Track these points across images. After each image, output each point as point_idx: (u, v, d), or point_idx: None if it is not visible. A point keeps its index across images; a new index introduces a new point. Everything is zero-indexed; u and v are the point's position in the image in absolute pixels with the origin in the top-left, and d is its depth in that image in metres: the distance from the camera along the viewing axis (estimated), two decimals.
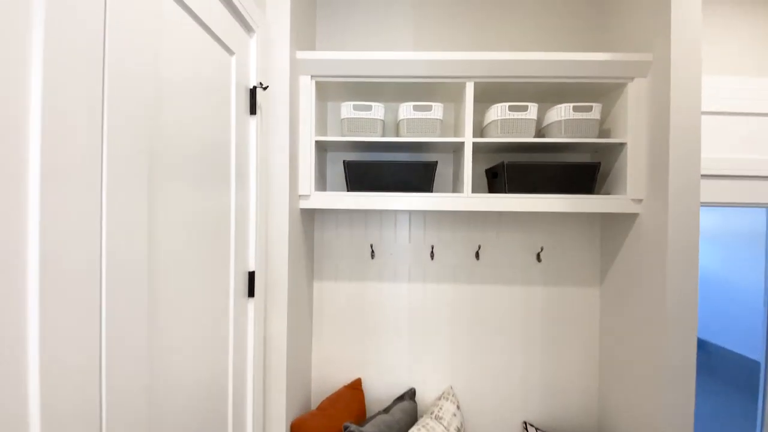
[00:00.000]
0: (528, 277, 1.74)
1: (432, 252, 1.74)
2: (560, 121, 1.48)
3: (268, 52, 1.29)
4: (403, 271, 1.76)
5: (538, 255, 1.73)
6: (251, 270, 1.18)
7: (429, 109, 1.48)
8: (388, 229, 1.76)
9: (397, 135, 1.57)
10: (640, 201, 1.45)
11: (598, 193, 1.60)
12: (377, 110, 1.49)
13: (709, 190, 1.71)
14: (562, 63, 1.41)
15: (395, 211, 1.75)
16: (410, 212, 1.75)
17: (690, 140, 1.31)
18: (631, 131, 1.44)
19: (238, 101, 1.10)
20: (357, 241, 1.76)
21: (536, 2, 1.75)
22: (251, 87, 1.18)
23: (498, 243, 1.74)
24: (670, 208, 1.32)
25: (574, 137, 1.46)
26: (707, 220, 2.37)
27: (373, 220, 1.76)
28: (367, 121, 1.49)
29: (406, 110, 1.48)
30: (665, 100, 1.33)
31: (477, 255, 1.73)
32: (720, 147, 1.70)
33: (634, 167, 1.44)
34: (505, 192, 1.48)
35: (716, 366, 2.25)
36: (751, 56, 1.69)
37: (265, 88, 1.20)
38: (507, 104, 1.47)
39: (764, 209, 1.78)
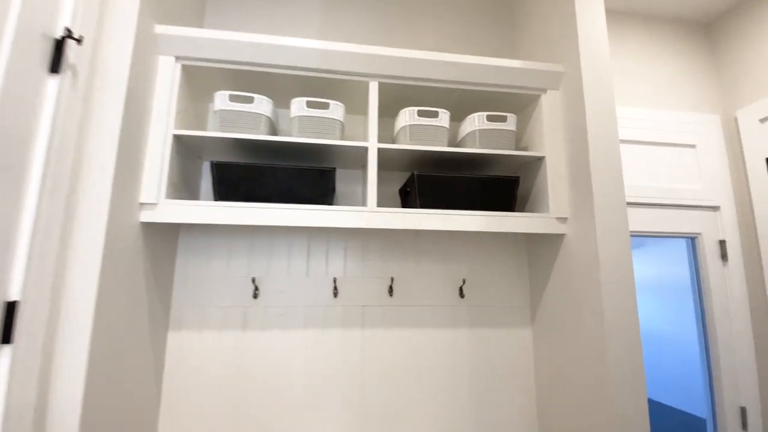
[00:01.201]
0: (451, 317, 1.45)
1: (335, 287, 1.39)
2: (474, 131, 1.32)
3: (103, 6, 0.98)
4: (296, 315, 1.37)
5: (461, 289, 1.46)
6: (11, 300, 0.73)
7: (326, 107, 1.23)
8: (279, 258, 1.39)
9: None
10: (564, 220, 1.29)
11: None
12: (261, 104, 1.21)
13: (632, 219, 1.63)
14: (473, 67, 1.28)
15: (289, 236, 1.40)
16: (309, 238, 1.42)
17: (609, 152, 1.20)
18: (549, 145, 1.32)
19: (22, 46, 0.75)
20: (236, 274, 1.36)
21: (453, 11, 1.70)
22: (59, 36, 0.84)
23: (416, 275, 1.45)
24: (598, 227, 1.15)
25: (490, 149, 1.30)
26: (638, 271, 2.37)
27: (259, 246, 1.39)
28: (246, 116, 1.19)
29: (298, 107, 1.22)
30: (580, 112, 1.23)
31: (390, 290, 1.42)
32: (640, 175, 1.66)
33: (555, 183, 1.29)
34: (417, 207, 1.23)
35: (662, 424, 2.09)
36: (663, 92, 1.75)
37: (79, 41, 0.87)
38: (416, 108, 1.28)
39: (685, 244, 1.75)
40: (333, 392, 1.34)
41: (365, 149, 1.23)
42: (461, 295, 1.46)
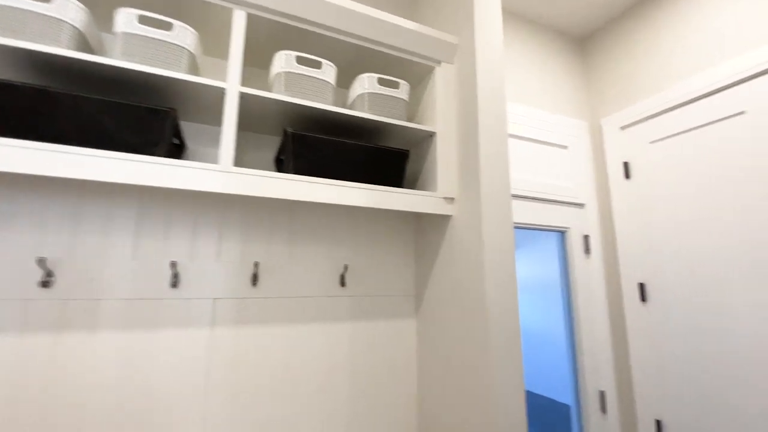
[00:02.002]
0: (330, 310, 1.23)
1: (175, 275, 1.06)
2: (363, 94, 1.15)
3: None
4: (112, 311, 1.00)
5: (343, 277, 1.26)
6: None
7: (168, 27, 0.92)
8: (89, 232, 1.01)
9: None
10: (452, 200, 1.19)
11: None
12: (65, 7, 0.85)
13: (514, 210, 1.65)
14: (368, 20, 1.11)
15: (108, 201, 1.03)
16: (140, 206, 1.06)
17: (498, 133, 1.14)
18: (441, 121, 1.22)
19: None
20: (13, 252, 0.93)
21: None
22: None
23: (289, 260, 1.20)
24: (483, 209, 1.07)
25: (380, 115, 1.14)
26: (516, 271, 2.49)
27: (58, 213, 0.98)
28: (39, 19, 0.82)
29: (126, 20, 0.89)
30: (472, 88, 1.16)
31: (254, 279, 1.14)
32: (519, 169, 1.69)
33: (444, 161, 1.19)
34: (291, 173, 1.00)
35: (532, 412, 2.19)
36: (543, 94, 1.83)
37: None
38: (294, 54, 1.06)
39: (557, 238, 1.84)
40: (164, 413, 1.00)
41: (222, 92, 0.96)
42: (342, 283, 1.26)
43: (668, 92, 1.60)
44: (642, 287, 1.64)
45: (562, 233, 1.80)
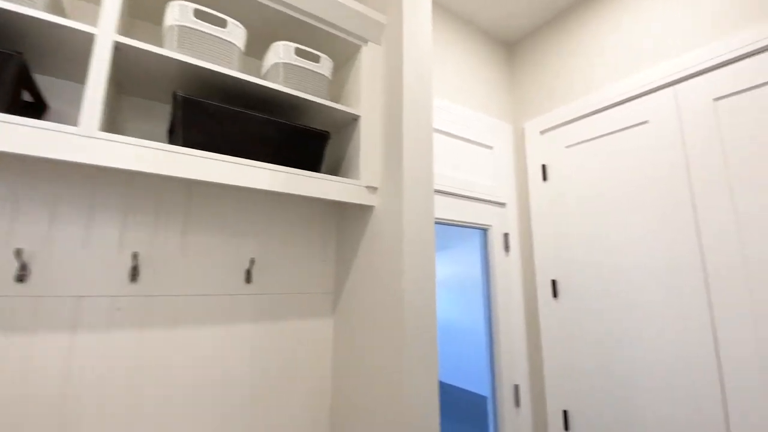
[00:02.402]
0: (231, 309, 1.08)
1: (22, 266, 0.83)
2: (278, 64, 1.02)
3: None
4: None
5: (248, 272, 1.11)
6: None
7: None
8: None
9: None
10: (374, 190, 1.11)
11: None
12: None
13: (435, 205, 1.62)
14: None
15: None
16: None
17: (422, 122, 1.08)
18: (366, 105, 1.13)
19: None
20: None
21: None
22: None
23: (183, 251, 1.03)
24: (405, 200, 1.01)
25: (297, 90, 1.02)
26: (444, 270, 2.52)
27: None
28: None
29: None
30: (398, 72, 1.09)
31: (133, 273, 0.95)
32: (444, 165, 1.68)
33: (368, 148, 1.11)
34: (181, 145, 0.84)
35: (450, 404, 2.22)
36: (472, 93, 1.83)
37: None
38: (192, 5, 0.89)
39: (479, 236, 1.86)
40: None
41: (90, 38, 0.77)
42: (248, 279, 1.11)
43: (584, 100, 1.69)
44: (554, 284, 1.72)
45: (484, 231, 1.82)
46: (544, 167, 1.84)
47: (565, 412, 1.60)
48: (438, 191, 1.62)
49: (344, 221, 1.26)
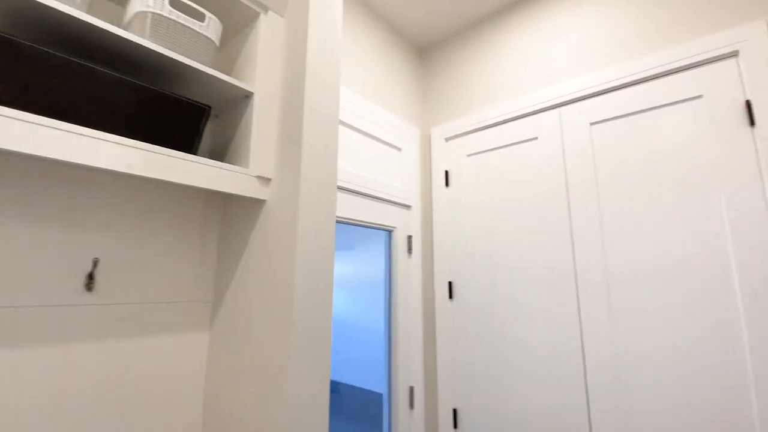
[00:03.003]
0: (63, 326, 0.82)
1: None
2: (146, 13, 0.80)
3: None
4: None
5: (90, 277, 0.86)
6: None
7: None
8: None
9: None
10: (267, 182, 0.96)
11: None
12: None
13: (339, 203, 1.53)
14: None
15: None
16: None
17: (325, 107, 0.97)
18: (261, 81, 0.98)
19: None
20: None
21: None
22: None
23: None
24: (302, 193, 0.88)
25: (170, 50, 0.81)
26: (348, 271, 2.42)
27: None
28: None
29: None
30: (301, 50, 0.96)
31: None
32: (350, 161, 1.59)
33: (261, 132, 0.96)
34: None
35: (346, 403, 2.17)
36: (383, 92, 1.77)
37: None
38: None
39: (384, 238, 1.82)
40: None
41: None
42: (89, 286, 0.86)
43: (484, 113, 1.77)
44: (451, 285, 1.76)
45: (389, 232, 1.79)
46: (447, 173, 1.88)
47: (455, 411, 1.65)
48: (342, 188, 1.53)
49: (229, 217, 1.08)
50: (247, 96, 0.97)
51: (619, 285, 1.32)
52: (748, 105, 1.17)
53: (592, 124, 1.48)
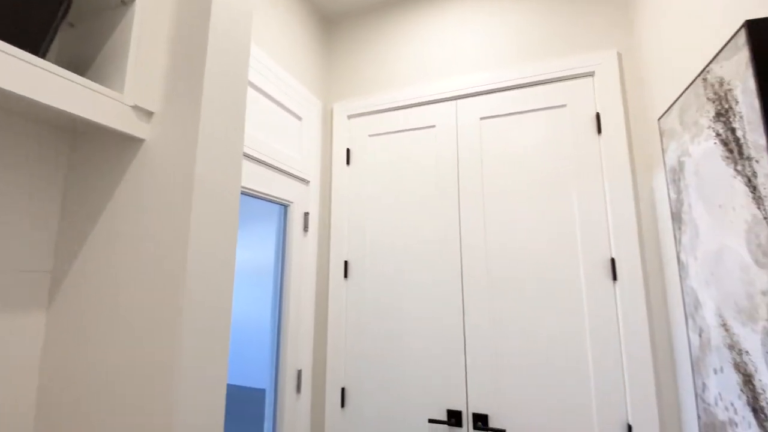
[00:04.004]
0: None
1: None
2: None
3: None
4: None
5: None
6: None
7: None
8: None
9: None
10: (149, 115, 0.76)
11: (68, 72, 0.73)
12: None
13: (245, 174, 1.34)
14: None
15: None
16: None
17: (237, 28, 0.82)
18: None
19: None
20: None
21: None
22: None
23: None
24: (203, 135, 0.73)
25: None
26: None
27: None
28: None
29: None
30: None
31: None
32: (255, 126, 1.41)
33: (144, 47, 0.75)
34: None
35: (227, 404, 1.94)
36: (296, 62, 1.60)
37: None
38: None
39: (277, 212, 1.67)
40: None
41: None
42: None
43: (388, 95, 1.79)
44: (346, 264, 1.74)
45: (285, 207, 1.66)
46: (348, 151, 1.84)
47: (342, 390, 1.63)
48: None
49: (83, 158, 0.82)
50: (125, 2, 0.74)
51: (496, 259, 1.49)
52: (598, 117, 1.45)
53: (482, 118, 1.64)
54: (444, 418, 1.46)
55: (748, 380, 0.76)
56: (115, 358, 0.70)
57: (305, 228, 1.72)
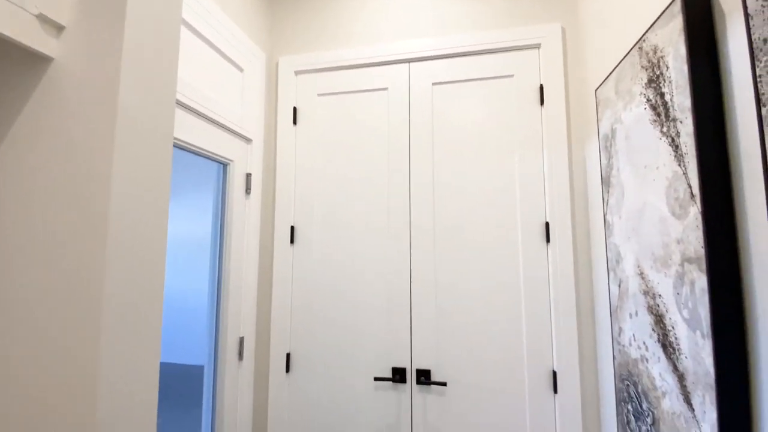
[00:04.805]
0: None
1: None
2: None
3: None
4: None
5: None
6: None
7: None
8: None
9: None
10: (59, 29, 0.63)
11: None
12: None
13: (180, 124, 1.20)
14: None
15: None
16: None
17: None
18: None
19: None
20: None
21: None
22: None
23: None
24: (127, 55, 0.62)
25: None
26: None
27: None
28: None
29: None
30: None
31: None
32: (189, 71, 1.26)
33: None
34: None
35: (162, 385, 1.81)
36: (239, 4, 1.43)
37: None
38: None
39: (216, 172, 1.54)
40: None
41: None
42: None
43: (339, 53, 1.71)
44: (293, 230, 1.67)
45: (224, 166, 1.53)
46: (295, 110, 1.74)
47: (288, 355, 1.61)
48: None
49: None
50: None
51: (443, 226, 1.53)
52: (541, 89, 1.52)
53: (434, 84, 1.63)
54: (389, 375, 1.50)
55: (659, 320, 0.87)
56: (18, 347, 0.60)
57: (247, 190, 1.62)
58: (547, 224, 1.46)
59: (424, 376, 1.47)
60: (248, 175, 1.62)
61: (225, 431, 1.43)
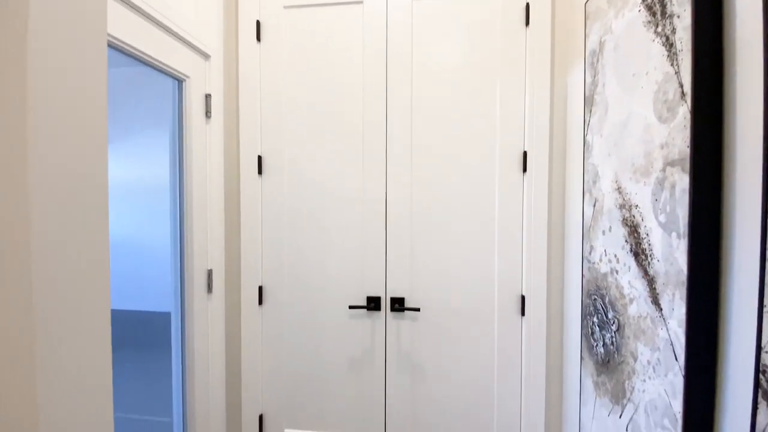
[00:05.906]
0: None
1: None
2: None
3: None
4: None
5: None
6: None
7: None
8: None
9: None
10: None
11: None
12: None
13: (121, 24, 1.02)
14: None
15: None
16: None
17: None
18: None
19: None
20: None
21: None
22: None
23: None
24: None
25: None
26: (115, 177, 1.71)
27: None
28: None
29: None
30: None
31: None
32: None
33: None
34: None
35: (128, 334, 1.75)
36: None
37: None
38: None
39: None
40: None
41: None
42: None
43: None
44: (260, 160, 1.56)
45: (180, 82, 1.37)
46: (258, 24, 1.56)
47: (260, 288, 1.57)
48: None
49: None
50: None
51: (420, 150, 1.48)
52: (527, 8, 1.42)
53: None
54: (364, 303, 1.51)
55: (633, 230, 0.88)
56: None
57: (207, 113, 1.47)
58: (525, 153, 1.43)
59: (398, 303, 1.48)
60: (208, 96, 1.47)
61: (197, 363, 1.41)
